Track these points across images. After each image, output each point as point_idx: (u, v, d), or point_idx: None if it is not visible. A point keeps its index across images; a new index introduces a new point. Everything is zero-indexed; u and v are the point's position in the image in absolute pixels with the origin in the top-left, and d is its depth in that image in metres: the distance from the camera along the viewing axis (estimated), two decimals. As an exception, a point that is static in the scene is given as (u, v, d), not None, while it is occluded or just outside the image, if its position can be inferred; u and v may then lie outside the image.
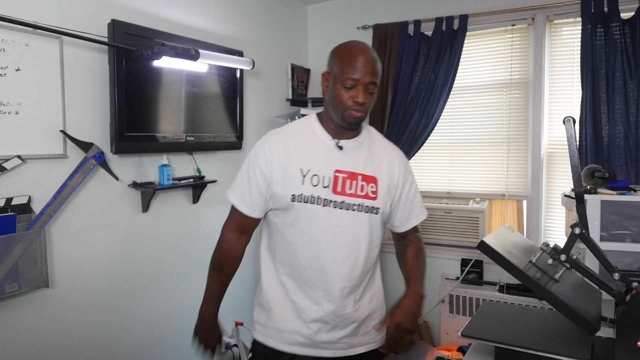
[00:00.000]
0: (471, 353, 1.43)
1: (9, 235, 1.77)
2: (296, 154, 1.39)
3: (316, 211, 1.37)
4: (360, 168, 1.41)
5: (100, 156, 2.08)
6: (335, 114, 1.38)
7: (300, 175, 1.37)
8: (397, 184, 1.48)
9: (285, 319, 1.42)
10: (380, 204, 1.43)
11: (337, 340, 1.43)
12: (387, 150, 1.52)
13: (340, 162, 1.40)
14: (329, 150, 1.40)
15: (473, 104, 3.11)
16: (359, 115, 1.35)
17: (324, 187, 1.37)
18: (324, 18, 3.56)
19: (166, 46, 2.11)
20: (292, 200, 1.37)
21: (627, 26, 2.55)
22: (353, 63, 1.33)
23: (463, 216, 3.08)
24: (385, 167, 1.46)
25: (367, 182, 1.41)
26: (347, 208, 1.38)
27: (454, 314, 3.09)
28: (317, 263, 1.38)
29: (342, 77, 1.33)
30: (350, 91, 1.33)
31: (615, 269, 1.32)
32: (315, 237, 1.38)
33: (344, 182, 1.38)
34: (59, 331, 2.01)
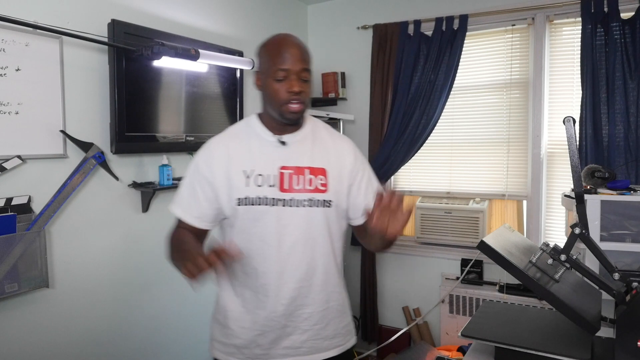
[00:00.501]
0: (471, 353, 1.43)
1: (9, 235, 1.77)
2: (237, 155, 1.34)
3: (264, 212, 1.31)
4: (307, 161, 1.35)
5: (100, 156, 2.08)
6: (273, 110, 1.33)
7: (244, 177, 1.32)
8: (349, 173, 1.40)
9: (243, 334, 1.36)
10: (332, 195, 1.36)
11: (300, 344, 1.37)
12: (334, 140, 1.45)
13: (285, 158, 1.34)
14: (271, 148, 1.35)
15: (473, 104, 3.11)
16: (297, 109, 1.30)
17: (269, 187, 1.31)
18: (324, 18, 3.56)
19: (166, 46, 2.11)
20: (238, 205, 1.31)
21: (627, 26, 2.55)
22: (280, 54, 1.28)
23: (463, 216, 3.08)
24: (333, 157, 1.40)
25: (315, 175, 1.35)
26: (297, 205, 1.32)
27: (454, 314, 3.09)
28: (272, 266, 1.32)
29: (273, 70, 1.28)
30: (283, 83, 1.28)
31: (615, 269, 1.32)
32: (266, 239, 1.32)
33: (290, 178, 1.32)
34: (59, 331, 2.01)
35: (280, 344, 1.37)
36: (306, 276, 1.35)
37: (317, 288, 1.37)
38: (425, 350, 2.92)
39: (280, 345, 1.37)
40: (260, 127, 1.38)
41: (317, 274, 1.36)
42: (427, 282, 3.26)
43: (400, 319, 3.36)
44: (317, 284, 1.37)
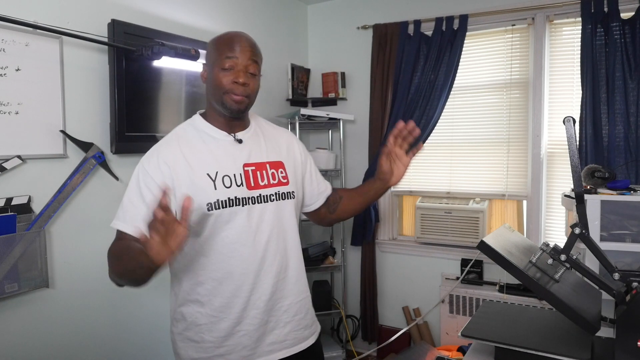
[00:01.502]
0: (471, 353, 1.43)
1: (9, 235, 1.77)
2: (195, 159, 1.28)
3: (236, 213, 1.28)
4: (264, 156, 1.37)
5: (100, 156, 2.08)
6: (215, 101, 1.29)
7: (210, 180, 1.26)
8: (301, 163, 1.48)
9: (225, 342, 1.32)
10: (293, 187, 1.40)
11: (284, 338, 1.37)
12: (279, 132, 1.49)
13: (245, 155, 1.33)
14: (230, 147, 1.33)
15: (473, 104, 3.11)
16: (240, 99, 1.27)
17: (237, 186, 1.29)
18: (324, 18, 3.56)
19: (166, 46, 2.11)
20: (208, 210, 1.25)
21: (627, 26, 2.55)
22: (230, 44, 1.28)
23: (463, 216, 3.08)
24: (284, 149, 1.44)
25: (275, 169, 1.37)
26: (265, 200, 1.33)
27: (454, 314, 3.09)
28: (250, 266, 1.30)
29: (220, 59, 1.26)
30: (228, 73, 1.26)
31: (615, 269, 1.32)
32: (241, 240, 1.29)
33: (254, 174, 1.33)
34: (59, 331, 2.01)
35: (265, 340, 1.35)
36: (281, 269, 1.36)
37: (292, 279, 1.39)
38: (425, 350, 2.92)
39: (265, 342, 1.35)
40: (210, 128, 1.34)
41: (291, 265, 1.39)
42: (427, 282, 3.26)
43: (400, 319, 3.36)
44: (291, 275, 1.39)
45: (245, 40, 1.31)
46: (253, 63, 1.29)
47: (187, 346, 1.37)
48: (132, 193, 1.28)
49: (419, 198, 3.30)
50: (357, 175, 3.42)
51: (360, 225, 3.32)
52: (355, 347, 3.42)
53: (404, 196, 3.44)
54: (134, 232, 1.23)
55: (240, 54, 1.27)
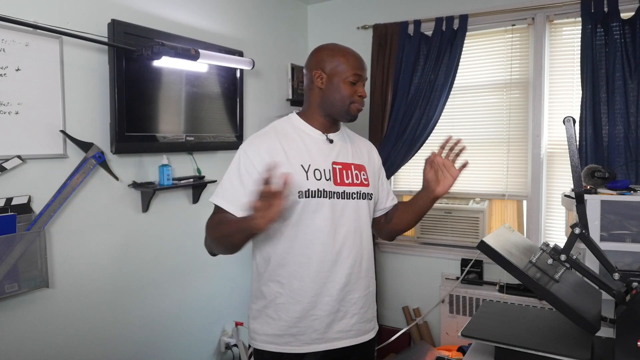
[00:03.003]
0: (471, 353, 1.43)
1: (9, 235, 1.77)
2: (292, 151, 1.42)
3: (323, 204, 1.40)
4: (351, 158, 1.51)
5: (100, 156, 2.08)
6: (336, 109, 1.47)
7: (303, 171, 1.40)
8: (377, 170, 1.63)
9: (299, 323, 1.42)
10: (372, 189, 1.54)
11: (350, 328, 1.47)
12: (362, 140, 1.66)
13: (334, 154, 1.48)
14: (322, 145, 1.47)
15: (473, 104, 3.11)
16: (361, 109, 1.50)
17: (326, 180, 1.42)
18: (324, 18, 3.56)
19: (166, 46, 2.11)
20: (299, 197, 1.38)
21: (627, 26, 2.55)
22: (356, 61, 1.47)
23: (463, 216, 3.08)
24: (366, 155, 1.59)
25: (359, 171, 1.51)
26: (348, 197, 1.45)
27: (454, 314, 3.09)
28: (329, 255, 1.41)
29: (348, 73, 1.44)
30: (354, 86, 1.45)
31: (615, 269, 1.32)
32: (323, 229, 1.40)
33: (341, 172, 1.46)
34: (59, 331, 2.01)
35: (334, 327, 1.45)
36: (356, 263, 1.46)
37: (363, 274, 1.49)
38: (425, 350, 2.92)
39: (334, 329, 1.45)
40: (307, 126, 1.49)
41: (364, 261, 1.49)
42: (427, 282, 3.26)
43: (400, 319, 3.36)
44: (363, 270, 1.49)
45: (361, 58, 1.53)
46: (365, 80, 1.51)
47: (264, 322, 1.47)
48: (232, 175, 1.40)
49: (419, 198, 3.30)
50: (357, 175, 3.41)
51: (360, 225, 3.31)
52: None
53: (404, 196, 3.44)
54: (232, 210, 1.36)
55: (364, 72, 1.49)
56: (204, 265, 2.70)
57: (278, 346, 1.45)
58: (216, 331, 2.82)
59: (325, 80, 1.47)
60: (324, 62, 1.48)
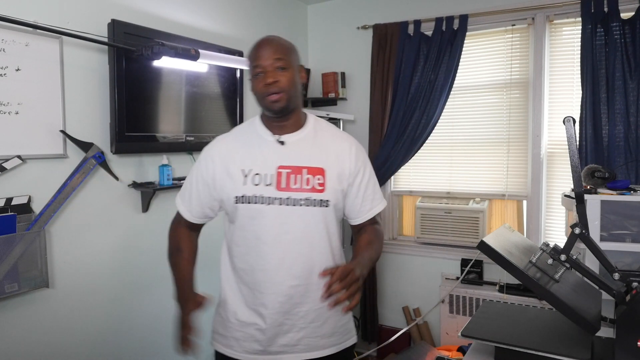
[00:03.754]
0: (471, 353, 1.43)
1: (9, 235, 1.77)
2: (237, 155, 1.39)
3: (260, 210, 1.34)
4: (305, 161, 1.37)
5: (100, 156, 2.08)
6: (261, 107, 1.40)
7: (242, 175, 1.37)
8: (349, 173, 1.42)
9: (242, 327, 1.40)
10: (330, 195, 1.37)
11: (296, 342, 1.39)
12: (336, 139, 1.46)
13: (283, 157, 1.37)
14: (270, 147, 1.39)
15: (473, 104, 3.11)
16: (276, 98, 1.33)
17: (266, 185, 1.35)
18: (324, 18, 3.56)
19: (166, 46, 2.11)
20: (235, 203, 1.36)
21: (627, 26, 2.55)
22: (256, 52, 1.35)
23: (463, 216, 3.09)
24: (333, 156, 1.41)
25: (313, 175, 1.37)
26: (294, 204, 1.34)
27: (454, 314, 3.09)
28: (268, 264, 1.35)
29: (251, 68, 1.36)
30: (259, 78, 1.34)
31: (615, 269, 1.32)
32: (262, 237, 1.35)
33: (288, 177, 1.35)
34: (59, 331, 2.01)
35: (277, 341, 1.38)
36: (303, 274, 1.36)
37: (314, 287, 1.36)
38: (425, 350, 2.92)
39: (277, 343, 1.39)
40: (261, 127, 1.43)
41: (315, 273, 1.35)
42: (427, 282, 3.26)
43: (400, 319, 3.36)
44: (314, 283, 1.36)
45: (268, 42, 1.36)
46: (278, 60, 1.33)
47: (217, 319, 1.49)
48: (189, 177, 1.49)
49: (419, 198, 3.30)
50: (357, 175, 3.41)
51: (360, 225, 3.32)
52: (355, 347, 3.42)
53: (404, 196, 3.44)
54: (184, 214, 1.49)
55: (264, 58, 1.33)
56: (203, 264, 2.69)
57: (222, 347, 1.45)
58: (216, 331, 2.82)
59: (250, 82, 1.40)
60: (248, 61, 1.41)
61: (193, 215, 1.48)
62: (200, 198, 1.44)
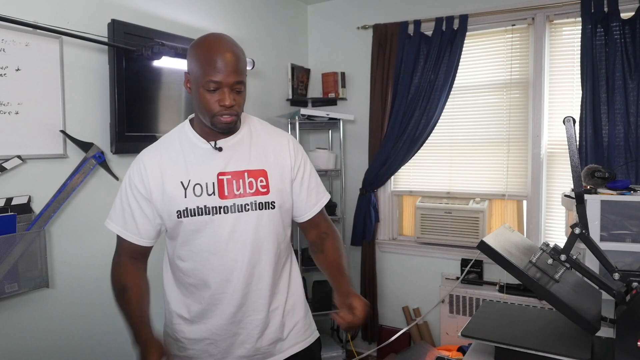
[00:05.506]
0: (471, 353, 1.43)
1: (9, 235, 1.77)
2: (172, 167, 1.29)
3: (206, 222, 1.27)
4: (245, 164, 1.31)
5: (100, 156, 2.08)
6: (204, 119, 1.25)
7: (181, 188, 1.27)
8: (290, 170, 1.38)
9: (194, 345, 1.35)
10: (275, 196, 1.33)
11: (253, 352, 1.35)
12: (272, 137, 1.40)
13: (222, 164, 1.29)
14: (207, 155, 1.30)
15: (473, 104, 3.11)
16: (229, 120, 1.24)
17: (208, 195, 1.27)
18: (324, 18, 3.56)
19: (166, 46, 2.11)
20: (178, 217, 1.27)
21: (627, 26, 2.55)
22: (213, 63, 1.19)
23: (463, 216, 3.09)
24: (272, 156, 1.36)
25: (255, 178, 1.31)
26: (240, 210, 1.28)
27: (454, 314, 3.09)
28: (220, 276, 1.29)
29: (204, 79, 1.19)
30: (214, 94, 1.20)
31: (615, 269, 1.32)
32: (211, 249, 1.28)
33: (229, 183, 1.29)
34: (59, 331, 2.01)
35: (234, 352, 1.34)
36: (252, 281, 1.32)
37: (264, 292, 1.34)
38: (425, 350, 2.92)
39: (234, 354, 1.34)
40: (194, 135, 1.32)
41: (264, 278, 1.33)
42: (427, 282, 3.26)
43: (400, 319, 3.36)
44: (264, 289, 1.33)
45: (229, 54, 1.21)
46: (238, 83, 1.22)
47: (167, 340, 1.40)
48: (121, 195, 1.35)
49: (419, 198, 3.30)
50: (357, 175, 3.42)
51: (360, 225, 3.32)
52: (355, 347, 3.42)
53: (404, 196, 3.44)
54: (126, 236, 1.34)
55: (225, 76, 1.19)
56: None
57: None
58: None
59: (190, 84, 1.26)
60: (190, 63, 1.25)
61: (143, 237, 1.33)
62: (146, 214, 1.31)
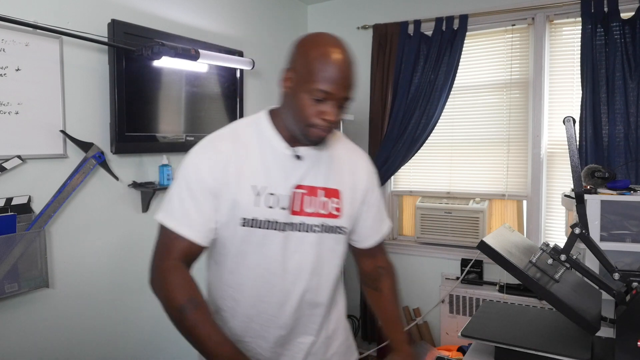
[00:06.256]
0: (471, 353, 1.43)
1: (9, 235, 1.77)
2: (248, 167, 1.13)
3: (272, 238, 1.14)
4: (322, 181, 1.18)
5: (100, 156, 2.08)
6: (295, 125, 1.11)
7: (253, 194, 1.12)
8: (362, 193, 1.26)
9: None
10: (345, 221, 1.22)
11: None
12: (350, 155, 1.28)
13: (300, 175, 1.16)
14: (285, 162, 1.15)
15: (473, 104, 3.11)
16: (324, 135, 1.11)
17: (281, 209, 1.13)
18: (324, 18, 3.56)
19: (166, 46, 2.11)
20: (242, 225, 1.12)
21: (627, 26, 2.55)
22: (328, 71, 1.05)
23: (463, 216, 3.08)
24: (348, 175, 1.24)
25: (329, 198, 1.19)
26: (307, 230, 1.16)
27: (454, 314, 3.09)
28: (274, 296, 1.17)
29: (312, 86, 1.05)
30: (319, 105, 1.07)
31: (615, 269, 1.32)
32: (270, 267, 1.15)
33: (302, 199, 1.16)
34: (59, 331, 2.01)
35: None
36: (309, 306, 1.22)
37: (318, 318, 1.25)
38: (425, 350, 2.92)
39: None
40: (274, 135, 1.17)
41: (320, 303, 1.24)
42: (427, 282, 3.26)
43: (400, 319, 3.36)
44: (318, 314, 1.25)
45: (347, 65, 1.10)
46: (347, 99, 1.11)
47: None
48: (180, 186, 1.13)
49: (419, 198, 3.30)
50: (357, 175, 3.41)
51: (360, 225, 3.32)
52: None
53: (404, 196, 3.44)
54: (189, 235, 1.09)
55: (337, 88, 1.06)
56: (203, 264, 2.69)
57: None
58: (216, 331, 2.82)
59: (291, 85, 1.11)
60: (296, 59, 1.12)
61: (205, 235, 1.12)
62: (204, 212, 1.11)
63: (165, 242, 1.12)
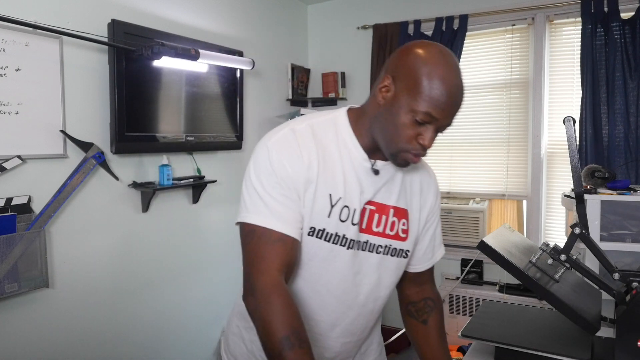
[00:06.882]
0: (471, 353, 1.43)
1: (9, 235, 1.77)
2: (328, 173, 1.00)
3: (338, 254, 1.02)
4: (394, 199, 1.08)
5: (100, 156, 2.08)
6: (385, 142, 1.00)
7: (328, 203, 1.00)
8: (426, 215, 1.19)
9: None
10: (410, 245, 1.13)
11: None
12: (422, 173, 1.17)
13: (373, 190, 1.05)
14: (362, 174, 1.03)
15: (473, 104, 3.11)
16: (416, 160, 1.01)
17: (352, 224, 1.02)
18: (324, 18, 3.56)
19: (166, 46, 2.11)
20: (309, 234, 1.00)
21: (627, 26, 2.55)
22: (440, 95, 0.94)
23: (463, 216, 3.08)
24: (417, 195, 1.15)
25: (398, 218, 1.09)
26: (372, 250, 1.07)
27: (454, 314, 3.09)
28: (328, 316, 1.08)
29: (417, 107, 0.94)
30: (418, 127, 0.97)
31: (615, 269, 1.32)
32: (329, 284, 1.05)
33: (371, 216, 1.05)
34: (59, 331, 2.01)
35: None
36: (362, 332, 1.15)
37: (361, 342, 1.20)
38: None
39: None
40: (354, 142, 1.04)
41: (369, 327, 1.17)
42: (427, 282, 3.25)
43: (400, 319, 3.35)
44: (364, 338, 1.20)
45: (460, 92, 0.99)
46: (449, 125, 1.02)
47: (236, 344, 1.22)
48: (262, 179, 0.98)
49: (419, 198, 3.30)
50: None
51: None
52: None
53: (404, 196, 3.44)
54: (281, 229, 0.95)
55: (446, 115, 0.97)
56: (203, 265, 2.70)
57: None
58: (216, 331, 2.82)
59: (389, 95, 0.98)
60: (401, 71, 0.97)
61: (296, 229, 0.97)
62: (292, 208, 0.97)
63: (256, 250, 0.96)
